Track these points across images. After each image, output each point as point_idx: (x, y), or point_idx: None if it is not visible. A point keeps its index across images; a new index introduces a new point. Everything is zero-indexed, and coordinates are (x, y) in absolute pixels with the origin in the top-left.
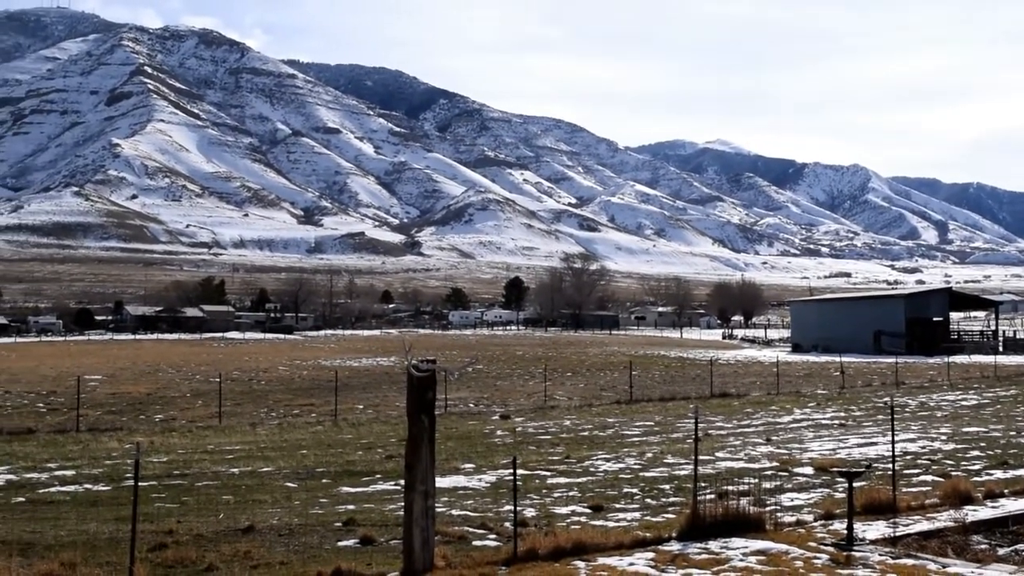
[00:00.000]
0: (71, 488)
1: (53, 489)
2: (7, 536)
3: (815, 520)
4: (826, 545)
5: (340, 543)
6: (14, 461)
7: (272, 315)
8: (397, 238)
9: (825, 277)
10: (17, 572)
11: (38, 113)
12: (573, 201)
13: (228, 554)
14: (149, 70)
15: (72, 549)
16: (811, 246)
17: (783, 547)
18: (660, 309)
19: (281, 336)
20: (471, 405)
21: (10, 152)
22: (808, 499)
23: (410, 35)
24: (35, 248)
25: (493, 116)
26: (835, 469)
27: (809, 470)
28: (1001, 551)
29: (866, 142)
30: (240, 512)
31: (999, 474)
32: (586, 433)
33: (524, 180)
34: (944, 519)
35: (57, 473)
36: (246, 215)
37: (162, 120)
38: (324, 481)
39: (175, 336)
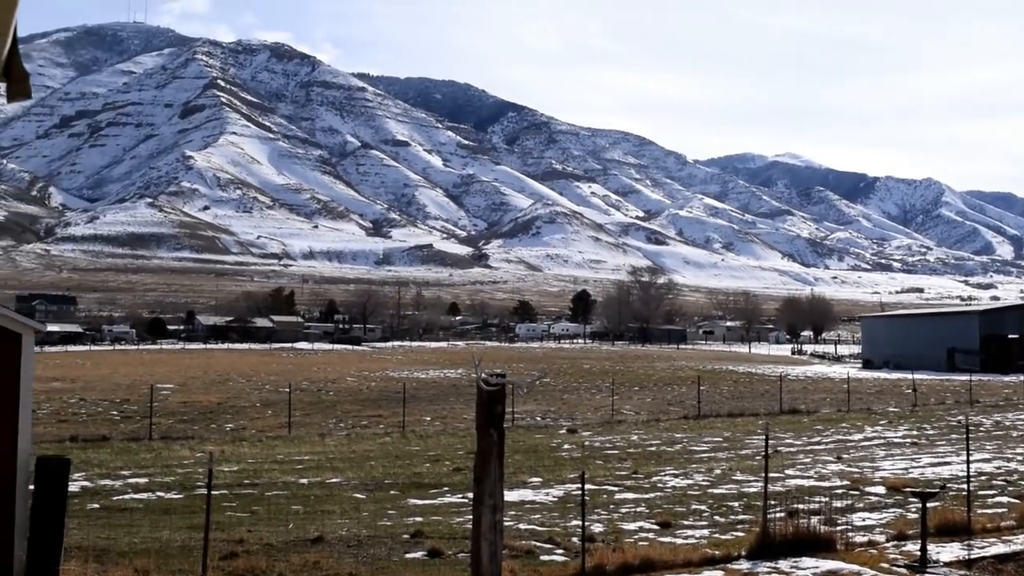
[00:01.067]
0: (144, 496)
1: (127, 496)
2: (83, 542)
3: (887, 541)
4: (899, 567)
5: (408, 555)
6: (89, 468)
7: (340, 326)
8: (465, 250)
9: (897, 292)
10: None
11: (114, 126)
12: (641, 214)
13: (297, 564)
14: (222, 83)
15: (145, 556)
16: (882, 261)
17: (854, 568)
18: (728, 324)
19: (349, 347)
20: (538, 419)
21: (87, 164)
22: (880, 519)
23: (479, 48)
24: (110, 258)
25: (561, 129)
26: (908, 489)
27: (881, 489)
28: None
29: (939, 155)
30: (309, 522)
31: None
32: (653, 448)
33: (592, 193)
34: (1020, 542)
35: (131, 480)
36: (316, 227)
37: (234, 133)
38: (392, 493)
39: (245, 346)
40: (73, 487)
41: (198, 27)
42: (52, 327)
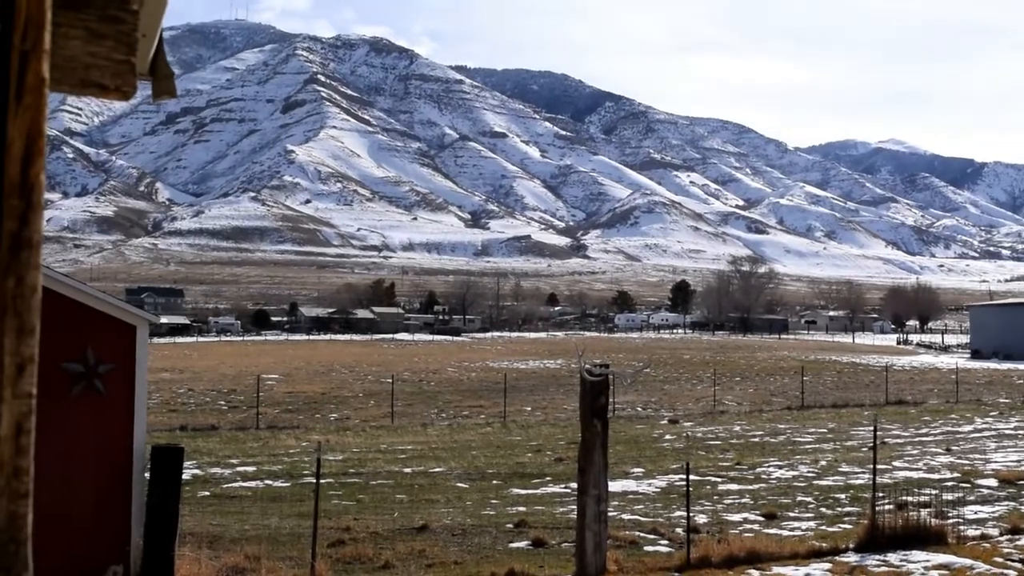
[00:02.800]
0: (253, 484)
1: (236, 484)
2: (196, 528)
3: (1000, 535)
4: (1013, 561)
5: (512, 544)
6: (199, 457)
7: (440, 317)
8: (563, 241)
9: (1006, 281)
10: (206, 563)
11: (217, 122)
12: (740, 203)
13: (403, 552)
14: (322, 78)
15: (256, 543)
16: (991, 248)
17: (967, 562)
18: (831, 313)
19: (449, 338)
20: (639, 409)
21: (192, 159)
22: (992, 512)
23: (575, 38)
24: (215, 251)
25: (659, 118)
26: (1021, 482)
27: (993, 482)
28: None
29: None
30: (414, 511)
31: None
32: (757, 439)
33: (690, 182)
34: None
35: (239, 469)
36: (415, 219)
37: (334, 127)
38: (495, 482)
39: (347, 337)
40: (184, 475)
41: (298, 23)
42: (161, 319)
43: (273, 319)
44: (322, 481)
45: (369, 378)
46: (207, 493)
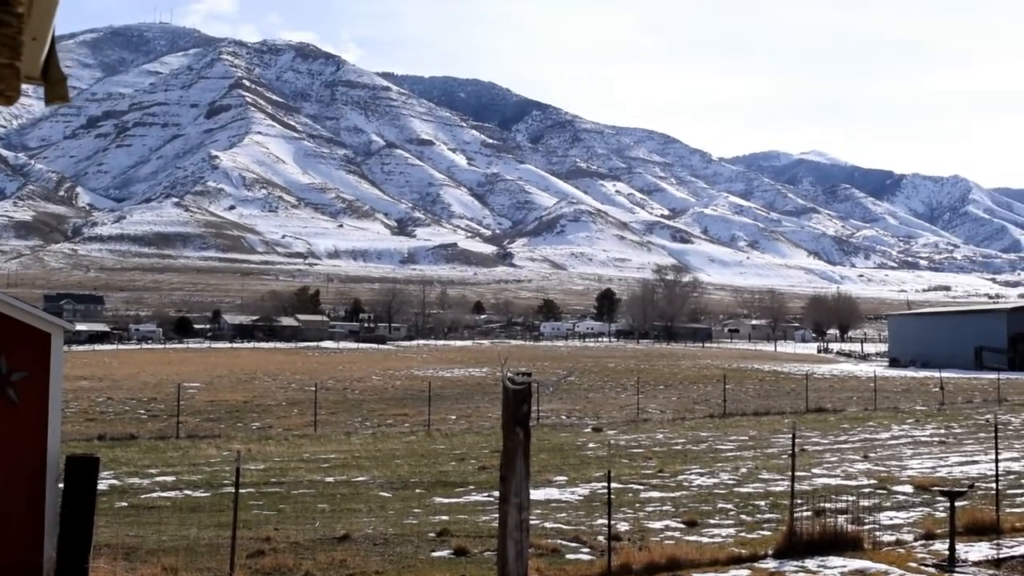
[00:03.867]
0: (172, 494)
1: (155, 495)
2: (112, 540)
3: (915, 540)
4: (927, 566)
5: (434, 553)
6: (117, 466)
7: (365, 325)
8: (489, 249)
9: (924, 291)
10: (122, 575)
11: (140, 126)
12: (666, 212)
13: (324, 562)
14: (247, 83)
15: (173, 554)
16: (909, 259)
17: (882, 567)
18: (754, 322)
19: (374, 346)
20: (563, 417)
21: (114, 164)
22: (907, 518)
23: (503, 47)
24: (136, 258)
25: (585, 127)
26: (936, 488)
27: (908, 488)
28: None
29: (967, 152)
30: (336, 520)
31: None
32: (679, 447)
33: (616, 191)
34: None
35: (158, 479)
36: (341, 226)
37: (259, 132)
38: (418, 491)
39: (271, 345)
40: (102, 485)
41: (223, 27)
42: (80, 326)
43: (196, 327)
44: (243, 491)
45: (293, 386)
46: (124, 504)
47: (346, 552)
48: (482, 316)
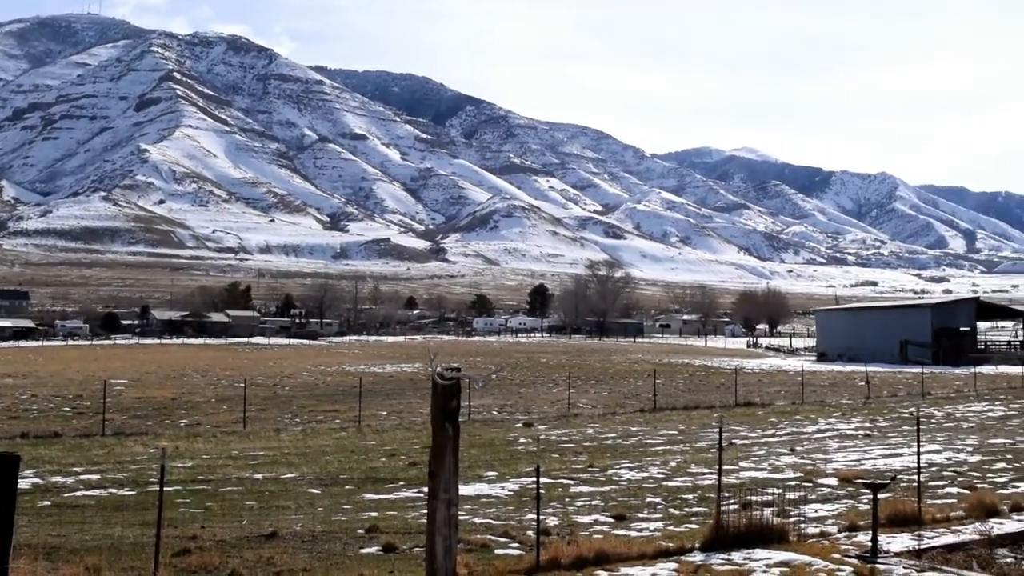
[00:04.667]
0: (96, 492)
1: (79, 493)
2: (33, 540)
3: (839, 532)
4: (850, 557)
5: (363, 550)
6: (40, 465)
7: (297, 321)
8: (422, 244)
9: (851, 286)
10: (43, 575)
11: (68, 118)
12: (599, 208)
13: (251, 560)
14: (178, 76)
15: (97, 553)
16: (837, 255)
17: (806, 559)
18: (685, 317)
19: (306, 342)
20: (494, 412)
21: (40, 157)
22: (832, 510)
23: (438, 42)
24: (63, 252)
25: (519, 123)
26: (860, 480)
27: (834, 481)
28: None
29: (894, 150)
30: (263, 518)
31: None
32: (609, 441)
33: (550, 187)
34: (969, 532)
35: (83, 477)
36: (272, 221)
37: (190, 126)
38: (347, 488)
39: (201, 341)
40: (23, 484)
41: (154, 19)
42: (3, 322)
43: (124, 322)
44: (170, 488)
45: (222, 383)
46: (47, 503)
47: (274, 550)
48: (415, 312)
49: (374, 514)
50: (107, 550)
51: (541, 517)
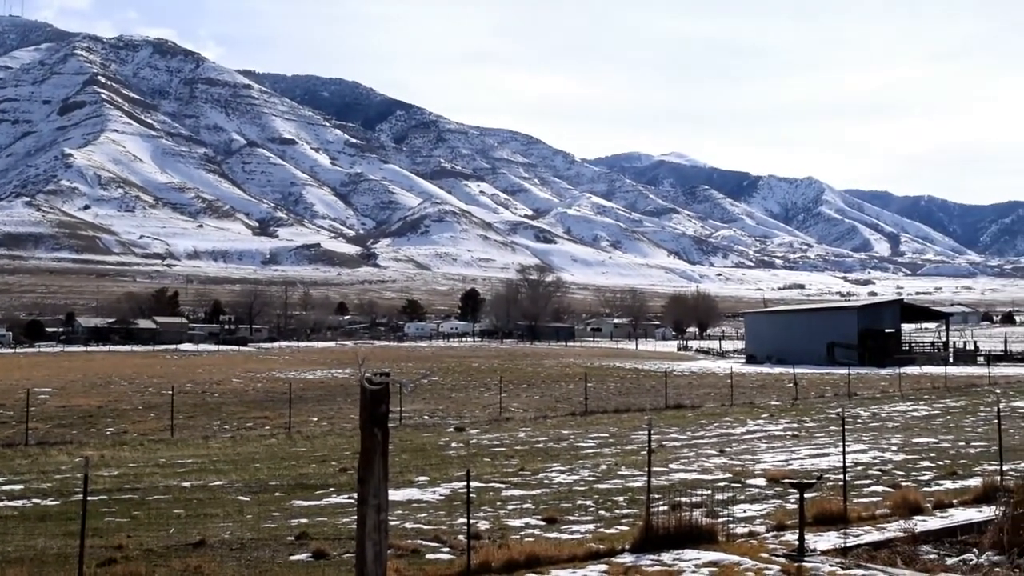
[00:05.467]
0: (19, 503)
1: (1, 504)
2: None
3: (767, 531)
4: (777, 556)
5: (292, 557)
6: None
7: (226, 327)
8: (353, 249)
9: (779, 289)
10: None
11: None
12: (529, 213)
13: (178, 569)
14: (103, 80)
15: (19, 565)
16: (765, 258)
17: (735, 558)
18: (616, 321)
19: (235, 348)
20: (426, 417)
21: None
22: (760, 510)
23: (368, 47)
24: None
25: (450, 128)
26: (787, 480)
27: (762, 481)
28: (949, 561)
29: (820, 155)
30: (191, 526)
31: (948, 484)
32: (541, 445)
33: (480, 192)
34: (894, 529)
35: (5, 488)
36: (200, 226)
37: (116, 130)
38: (277, 495)
39: (128, 348)
40: None
41: (78, 23)
42: None
43: (48, 330)
44: (95, 498)
45: (150, 390)
46: None
47: (201, 558)
48: (346, 317)
49: (304, 521)
50: (30, 561)
51: (472, 521)
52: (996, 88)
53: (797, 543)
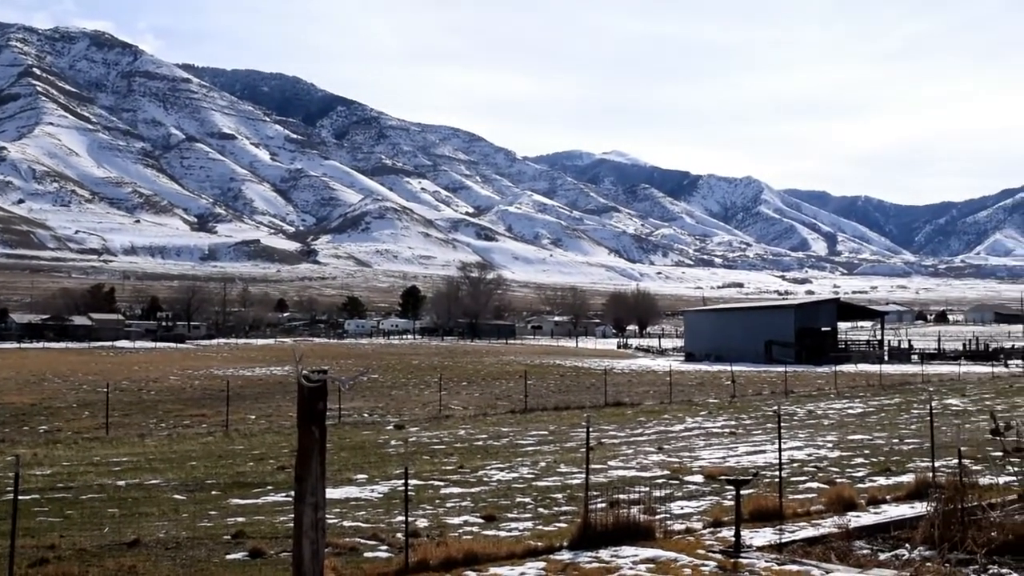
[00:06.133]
0: None
1: None
2: None
3: (704, 528)
4: (714, 552)
5: (229, 556)
6: None
7: (163, 324)
8: (293, 246)
9: (718, 287)
10: None
11: None
12: (471, 210)
13: (112, 569)
14: (38, 72)
15: None
16: (705, 257)
17: (672, 555)
18: (556, 319)
19: (173, 345)
20: (365, 415)
21: None
22: (698, 507)
23: (309, 42)
24: None
25: (391, 124)
26: (724, 477)
27: (699, 478)
28: (882, 556)
29: (759, 155)
30: (126, 525)
31: (882, 480)
32: (480, 443)
33: (422, 189)
34: (828, 525)
35: None
36: (138, 221)
37: (51, 123)
38: (214, 493)
39: (62, 345)
40: None
41: (13, 13)
42: None
43: None
44: (27, 497)
45: (84, 388)
46: None
47: (136, 558)
48: (285, 314)
49: (241, 519)
50: None
51: (411, 519)
52: (935, 91)
53: (734, 539)
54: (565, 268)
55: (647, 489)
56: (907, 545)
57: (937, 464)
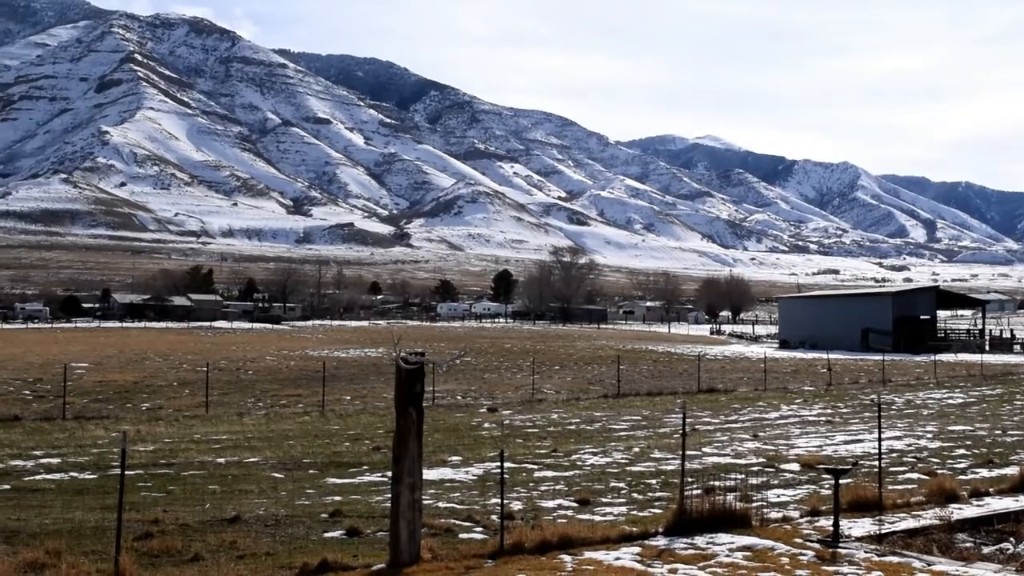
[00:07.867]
0: (57, 476)
1: (39, 477)
2: None
3: (801, 517)
4: (812, 542)
5: (326, 534)
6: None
7: (260, 305)
8: (386, 229)
9: (813, 274)
10: (2, 560)
11: (27, 99)
12: (563, 195)
13: (214, 544)
14: (139, 58)
15: (57, 537)
16: (799, 243)
17: (769, 543)
18: (648, 304)
19: (269, 326)
20: (459, 397)
21: None
22: (794, 496)
23: (402, 26)
24: (23, 235)
25: (484, 108)
26: (821, 466)
27: (796, 467)
28: (986, 549)
29: (856, 140)
30: (226, 502)
31: (984, 473)
32: (573, 427)
33: (514, 173)
34: (929, 517)
35: (43, 461)
36: (235, 204)
37: (152, 108)
38: (311, 472)
39: (162, 325)
40: None
41: (115, 1)
42: None
43: (84, 306)
44: (132, 472)
45: (184, 367)
46: (7, 486)
47: (236, 533)
48: (379, 296)
49: (338, 498)
50: (68, 534)
51: (505, 502)
52: None
53: (832, 529)
54: (657, 253)
55: (742, 476)
56: (1012, 539)
57: None
